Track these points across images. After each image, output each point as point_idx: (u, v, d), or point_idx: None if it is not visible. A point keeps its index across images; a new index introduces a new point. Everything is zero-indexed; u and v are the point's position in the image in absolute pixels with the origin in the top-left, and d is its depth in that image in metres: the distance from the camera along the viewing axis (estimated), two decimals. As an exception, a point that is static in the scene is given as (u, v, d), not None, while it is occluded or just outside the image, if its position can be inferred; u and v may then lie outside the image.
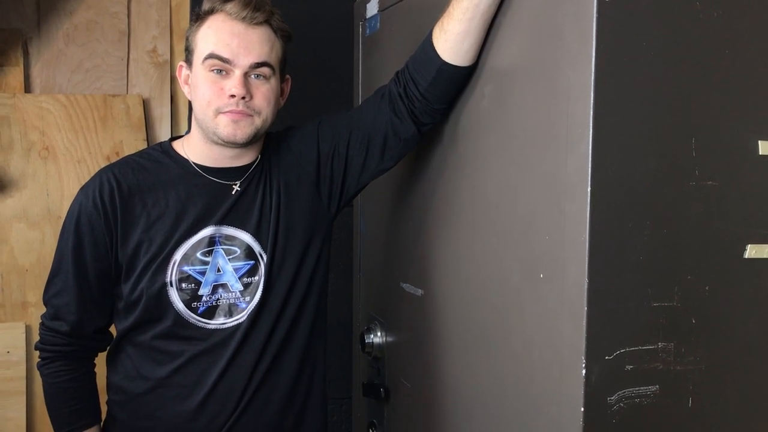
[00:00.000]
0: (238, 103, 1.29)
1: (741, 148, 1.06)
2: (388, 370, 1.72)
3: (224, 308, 1.36)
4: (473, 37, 1.23)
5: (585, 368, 0.99)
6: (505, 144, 1.20)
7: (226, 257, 1.36)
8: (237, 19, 1.30)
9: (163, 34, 2.55)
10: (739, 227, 1.06)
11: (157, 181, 1.36)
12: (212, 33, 1.31)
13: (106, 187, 1.34)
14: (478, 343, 1.30)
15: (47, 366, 1.40)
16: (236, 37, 1.29)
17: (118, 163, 1.42)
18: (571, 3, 1.01)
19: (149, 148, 1.44)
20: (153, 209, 1.34)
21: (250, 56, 1.29)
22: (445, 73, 1.28)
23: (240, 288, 1.36)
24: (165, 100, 2.54)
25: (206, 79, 1.30)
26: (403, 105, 1.37)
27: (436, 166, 1.46)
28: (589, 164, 0.97)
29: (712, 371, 1.06)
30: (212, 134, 1.33)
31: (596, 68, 0.97)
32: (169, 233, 1.33)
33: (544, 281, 1.08)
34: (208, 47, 1.30)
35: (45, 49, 2.41)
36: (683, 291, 1.03)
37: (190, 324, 1.35)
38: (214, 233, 1.35)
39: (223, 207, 1.36)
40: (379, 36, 1.76)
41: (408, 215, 1.60)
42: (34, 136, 2.31)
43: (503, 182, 1.21)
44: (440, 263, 1.44)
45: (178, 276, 1.33)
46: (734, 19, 1.04)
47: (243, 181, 1.39)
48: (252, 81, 1.31)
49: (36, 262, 2.31)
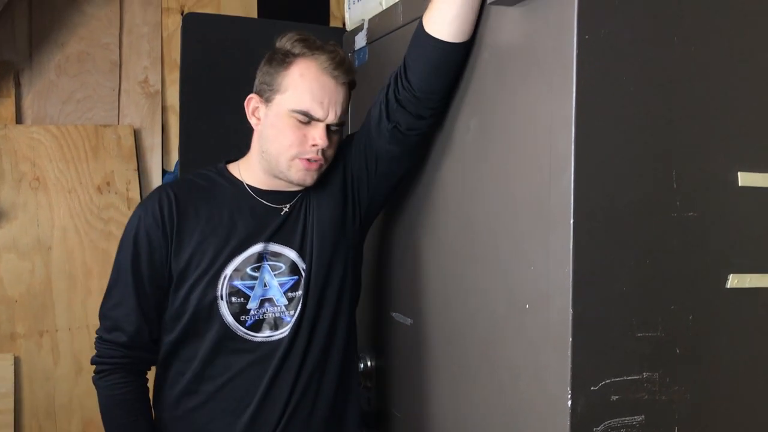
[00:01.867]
0: (318, 152, 1.36)
1: (721, 179, 1.08)
2: (378, 400, 1.72)
3: (270, 322, 1.41)
4: (454, 9, 1.23)
5: (571, 399, 0.99)
6: (490, 176, 1.22)
7: (272, 273, 1.42)
8: (329, 75, 1.36)
9: (154, 64, 2.57)
10: (720, 257, 1.08)
11: (211, 198, 1.42)
12: (306, 85, 1.35)
13: (165, 200, 1.40)
14: (466, 374, 1.30)
15: (105, 378, 1.41)
16: (327, 95, 1.36)
17: (175, 181, 1.50)
18: (552, 39, 1.04)
19: (204, 169, 1.50)
20: (207, 225, 1.40)
21: (336, 115, 1.37)
22: (428, 47, 1.28)
23: (285, 302, 1.42)
24: (156, 130, 2.56)
25: (291, 122, 1.36)
26: (390, 92, 1.37)
27: (424, 197, 1.47)
28: (571, 196, 0.99)
29: (697, 400, 1.07)
30: (280, 173, 1.40)
31: (577, 102, 0.99)
32: (220, 248, 1.39)
33: (530, 312, 1.09)
34: (301, 102, 1.35)
35: (37, 81, 2.43)
36: (667, 321, 1.04)
37: (238, 336, 1.39)
38: (263, 250, 1.41)
39: (271, 226, 1.42)
40: (368, 67, 1.79)
41: (397, 244, 1.61)
42: (25, 166, 2.32)
43: (489, 214, 1.22)
44: (429, 293, 1.45)
45: (229, 290, 1.38)
46: (711, 54, 1.06)
47: (292, 204, 1.45)
48: (330, 132, 1.39)
49: (25, 293, 2.30)
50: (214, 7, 2.64)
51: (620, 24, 1.01)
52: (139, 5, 2.57)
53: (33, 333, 2.30)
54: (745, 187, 1.09)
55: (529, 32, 1.11)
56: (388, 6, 1.68)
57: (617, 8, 1.01)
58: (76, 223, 2.36)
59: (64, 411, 2.31)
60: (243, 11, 2.67)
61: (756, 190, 1.10)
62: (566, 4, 1.00)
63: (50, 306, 2.33)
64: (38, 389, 2.30)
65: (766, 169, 1.11)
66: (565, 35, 1.00)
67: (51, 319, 2.32)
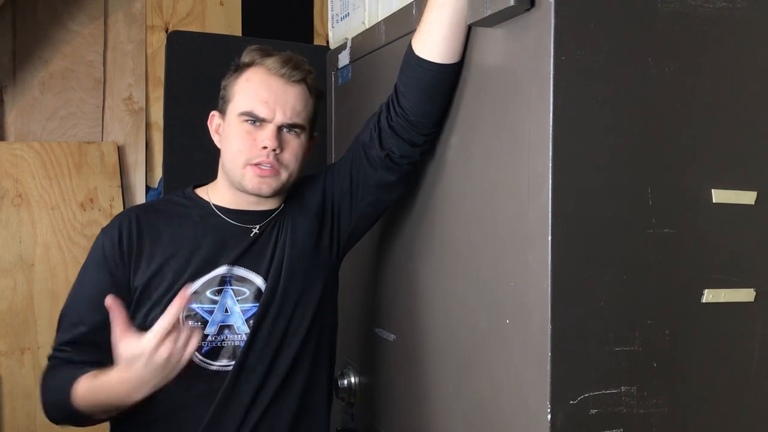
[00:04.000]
0: (268, 155, 1.32)
1: (696, 196, 1.10)
2: (362, 416, 1.72)
3: (229, 350, 1.34)
4: (442, 30, 1.23)
5: (550, 413, 1.01)
6: (471, 193, 1.24)
7: (235, 298, 1.35)
8: (276, 75, 1.34)
9: (138, 81, 2.58)
10: (696, 273, 1.10)
11: (175, 220, 1.39)
12: (251, 87, 1.34)
13: (125, 223, 1.37)
14: (447, 388, 1.31)
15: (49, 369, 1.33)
16: (273, 95, 1.33)
17: (142, 205, 1.47)
18: (530, 61, 1.06)
19: (171, 195, 1.47)
20: (169, 246, 1.35)
21: (285, 115, 1.33)
22: (419, 69, 1.27)
23: (246, 330, 1.35)
24: (140, 147, 2.56)
25: (240, 129, 1.34)
26: (383, 119, 1.36)
27: (404, 214, 1.49)
28: (549, 213, 1.01)
29: (674, 414, 1.08)
30: (238, 184, 1.36)
31: (554, 122, 1.01)
32: (181, 269, 1.34)
33: (510, 327, 1.10)
34: (246, 103, 1.33)
35: (20, 97, 2.43)
36: (644, 335, 1.06)
37: (192, 363, 1.28)
38: (226, 273, 1.35)
39: (238, 248, 1.37)
40: (351, 86, 1.81)
41: (380, 260, 1.62)
42: (7, 183, 2.32)
43: (469, 230, 1.24)
44: (411, 308, 1.46)
45: (185, 313, 1.31)
46: (685, 74, 1.09)
47: (263, 225, 1.40)
48: (284, 135, 1.35)
49: (7, 310, 2.29)
50: (199, 25, 2.66)
51: (596, 45, 1.03)
52: (123, 23, 2.58)
53: (14, 350, 2.29)
54: (719, 203, 1.11)
55: (508, 52, 1.14)
56: (371, 25, 1.71)
57: (593, 30, 1.03)
58: (59, 240, 2.36)
59: (46, 429, 2.28)
60: (227, 29, 2.69)
61: (729, 206, 1.12)
62: (543, 26, 1.03)
63: (32, 323, 2.32)
64: (19, 407, 2.28)
65: (739, 185, 1.13)
66: (542, 56, 1.03)
67: (33, 337, 2.31)
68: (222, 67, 1.42)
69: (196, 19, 2.67)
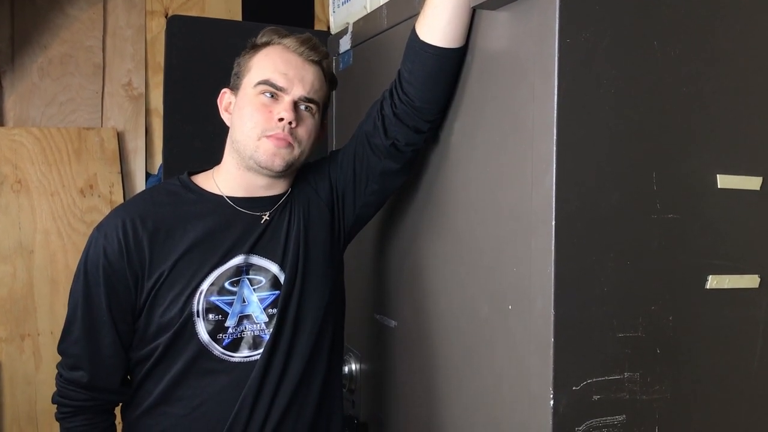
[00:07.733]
0: (284, 128, 1.30)
1: (700, 181, 1.09)
2: (363, 403, 1.72)
3: (249, 340, 1.33)
4: (447, 13, 1.22)
5: (553, 399, 1.00)
6: (473, 178, 1.23)
7: (252, 287, 1.34)
8: (295, 52, 1.35)
9: (138, 67, 2.56)
10: (700, 259, 1.10)
11: (182, 214, 1.34)
12: (269, 61, 1.34)
13: (129, 225, 1.30)
14: (449, 375, 1.31)
15: (68, 420, 1.33)
16: (292, 69, 1.33)
17: (134, 200, 1.39)
18: (534, 43, 1.05)
19: (164, 183, 1.42)
20: (180, 243, 1.31)
21: (303, 88, 1.33)
22: (424, 54, 1.26)
23: (265, 319, 1.34)
24: (140, 132, 2.55)
25: (256, 101, 1.32)
26: (387, 107, 1.35)
27: (406, 200, 1.48)
28: (553, 198, 1.00)
29: (677, 400, 1.08)
30: (249, 158, 1.32)
31: (558, 106, 1.00)
32: (198, 265, 1.31)
33: (513, 313, 1.10)
34: (263, 73, 1.32)
35: (19, 83, 2.42)
36: (647, 321, 1.05)
37: (214, 356, 1.30)
38: (242, 263, 1.33)
39: (252, 236, 1.35)
40: (352, 70, 1.80)
41: (382, 246, 1.62)
42: (6, 169, 2.30)
43: (472, 216, 1.23)
44: (413, 295, 1.46)
45: (205, 306, 1.30)
46: (691, 58, 1.08)
47: (273, 211, 1.38)
48: (300, 111, 1.34)
49: (7, 297, 2.28)
50: (199, 10, 2.64)
51: (601, 28, 1.02)
52: (122, 8, 2.56)
53: (14, 337, 2.29)
54: (724, 189, 1.10)
55: (512, 35, 1.12)
56: (373, 9, 1.69)
57: (598, 13, 1.02)
58: (59, 226, 2.35)
59: (46, 416, 2.29)
60: (227, 14, 2.67)
61: (734, 192, 1.11)
62: (548, 9, 1.02)
63: (32, 310, 2.31)
64: (19, 394, 2.28)
65: (744, 171, 1.12)
66: (546, 39, 1.02)
67: (33, 323, 2.31)
68: (222, 52, 1.40)
69: (196, 3, 2.65)
